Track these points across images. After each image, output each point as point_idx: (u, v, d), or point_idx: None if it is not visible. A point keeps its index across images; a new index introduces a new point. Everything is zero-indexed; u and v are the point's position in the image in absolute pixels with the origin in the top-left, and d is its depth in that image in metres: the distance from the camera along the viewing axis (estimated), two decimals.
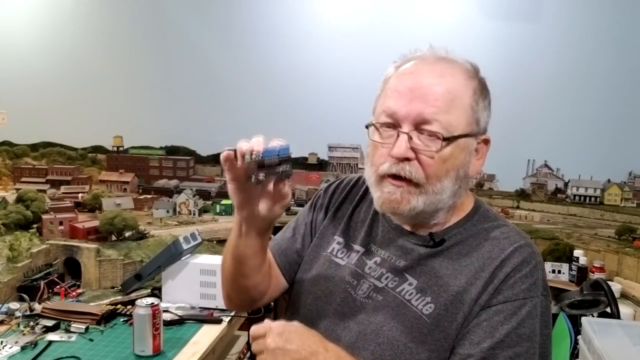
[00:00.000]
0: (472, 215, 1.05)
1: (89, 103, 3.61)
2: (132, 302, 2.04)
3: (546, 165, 3.40)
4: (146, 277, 2.35)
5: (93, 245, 2.90)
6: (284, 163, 0.89)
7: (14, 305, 1.89)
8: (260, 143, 0.89)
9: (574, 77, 3.21)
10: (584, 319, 1.89)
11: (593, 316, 1.97)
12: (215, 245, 2.99)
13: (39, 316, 1.84)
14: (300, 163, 3.58)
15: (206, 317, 1.90)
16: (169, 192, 3.63)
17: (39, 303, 1.93)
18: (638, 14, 3.15)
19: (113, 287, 2.81)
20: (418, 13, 3.32)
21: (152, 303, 1.62)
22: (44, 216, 3.09)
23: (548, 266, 3.05)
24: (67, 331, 1.77)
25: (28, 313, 1.84)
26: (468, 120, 0.97)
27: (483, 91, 1.01)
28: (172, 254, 2.02)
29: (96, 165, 3.74)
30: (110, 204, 3.35)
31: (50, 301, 2.27)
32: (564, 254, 3.09)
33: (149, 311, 1.60)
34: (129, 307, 1.91)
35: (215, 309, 1.92)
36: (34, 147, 3.75)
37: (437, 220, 1.02)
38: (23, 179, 3.62)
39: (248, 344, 2.07)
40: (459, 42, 3.69)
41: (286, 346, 0.88)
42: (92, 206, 3.41)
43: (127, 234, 3.09)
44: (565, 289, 2.75)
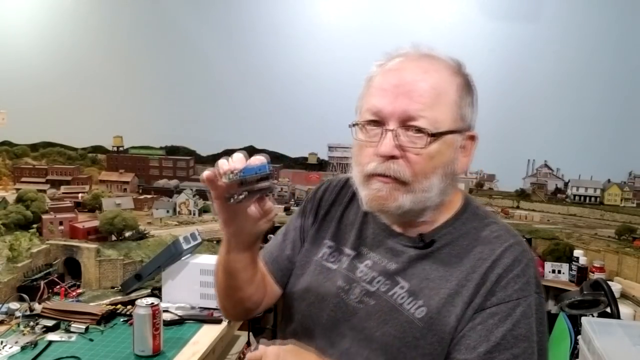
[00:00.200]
0: (461, 213, 1.03)
1: (89, 103, 3.61)
2: (132, 302, 2.04)
3: (546, 165, 3.40)
4: (146, 277, 2.35)
5: (93, 245, 2.91)
6: (264, 180, 0.91)
7: (14, 305, 1.89)
8: (241, 161, 0.90)
9: (574, 77, 3.21)
10: (584, 319, 1.89)
11: (593, 316, 1.97)
12: (215, 245, 2.98)
13: (39, 316, 1.84)
14: (300, 163, 3.58)
15: (206, 317, 1.90)
16: (169, 192, 3.63)
17: (39, 303, 1.94)
18: (638, 14, 3.15)
19: (113, 287, 2.82)
20: (418, 13, 3.32)
21: (152, 303, 1.62)
22: (44, 216, 3.09)
23: (548, 266, 3.05)
24: (67, 331, 1.77)
25: (28, 313, 1.84)
26: (454, 116, 0.96)
27: (467, 87, 1.00)
28: (172, 254, 2.02)
29: (96, 165, 3.74)
30: (110, 204, 3.35)
31: (50, 301, 2.27)
32: (564, 254, 3.09)
33: (149, 311, 1.60)
34: (129, 307, 1.92)
35: (215, 309, 1.92)
36: (34, 147, 3.75)
37: (425, 218, 1.01)
38: (23, 179, 3.62)
39: (248, 343, 2.07)
40: (459, 42, 3.69)
41: None
42: (92, 206, 3.41)
43: (127, 234, 3.09)
44: (565, 289, 2.75)
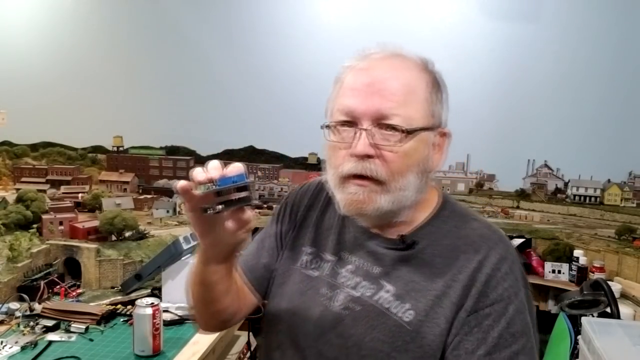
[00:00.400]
0: (440, 211, 1.03)
1: (89, 103, 3.61)
2: (132, 302, 2.04)
3: (546, 165, 3.40)
4: (146, 277, 2.35)
5: (93, 245, 2.91)
6: (241, 190, 0.87)
7: (14, 305, 1.90)
8: (217, 169, 0.85)
9: (574, 77, 3.21)
10: (584, 319, 1.89)
11: (593, 316, 1.98)
12: None
13: (39, 316, 1.84)
14: (300, 163, 3.58)
15: None
16: (169, 192, 3.62)
17: (39, 303, 1.94)
18: (638, 15, 3.15)
19: (113, 287, 2.81)
20: (418, 13, 3.31)
21: (152, 303, 1.62)
22: (44, 216, 3.09)
23: (548, 266, 3.06)
24: (67, 331, 1.77)
25: (28, 313, 1.85)
26: (425, 113, 0.96)
27: (436, 84, 1.00)
28: (172, 254, 2.03)
29: (96, 165, 3.74)
30: (110, 204, 3.35)
31: (50, 301, 2.27)
32: (564, 254, 3.09)
33: (149, 311, 1.60)
34: (129, 307, 1.92)
35: None
36: (34, 147, 3.75)
37: (404, 218, 1.00)
38: (23, 179, 3.61)
39: (248, 343, 2.07)
40: (459, 42, 3.69)
41: None
42: (92, 206, 3.41)
43: (127, 234, 3.09)
44: (565, 289, 2.75)
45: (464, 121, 3.39)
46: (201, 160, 3.71)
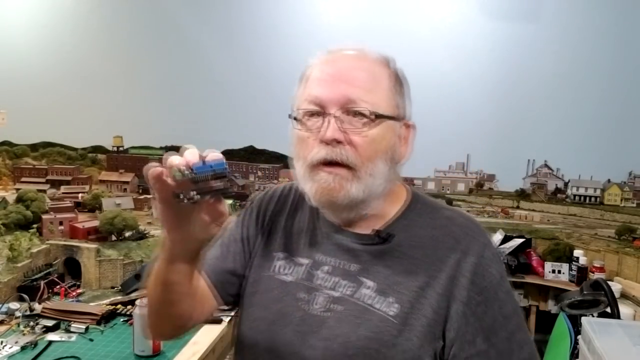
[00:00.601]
0: (412, 204, 1.02)
1: (89, 103, 3.61)
2: (132, 302, 2.04)
3: (546, 165, 3.40)
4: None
5: (93, 245, 2.91)
6: (220, 179, 0.79)
7: (14, 305, 1.89)
8: (193, 154, 0.79)
9: (574, 77, 3.21)
10: (584, 319, 1.88)
11: (593, 316, 1.97)
12: None
13: (39, 316, 1.84)
14: None
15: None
16: None
17: (39, 303, 1.93)
18: (638, 15, 3.15)
19: (113, 287, 2.82)
20: (418, 13, 3.31)
21: None
22: (44, 216, 3.09)
23: (548, 266, 3.05)
24: (67, 331, 1.77)
25: (28, 313, 1.84)
26: (390, 102, 0.97)
27: (399, 79, 1.01)
28: None
29: (96, 165, 3.74)
30: (110, 204, 3.35)
31: (50, 301, 2.27)
32: (564, 254, 3.09)
33: None
34: (129, 307, 1.91)
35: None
36: (34, 147, 3.75)
37: (374, 210, 0.99)
38: (23, 179, 3.62)
39: None
40: (459, 42, 3.69)
41: None
42: (92, 206, 3.41)
43: (127, 234, 3.09)
44: (565, 289, 2.75)
45: (464, 121, 3.40)
46: None
